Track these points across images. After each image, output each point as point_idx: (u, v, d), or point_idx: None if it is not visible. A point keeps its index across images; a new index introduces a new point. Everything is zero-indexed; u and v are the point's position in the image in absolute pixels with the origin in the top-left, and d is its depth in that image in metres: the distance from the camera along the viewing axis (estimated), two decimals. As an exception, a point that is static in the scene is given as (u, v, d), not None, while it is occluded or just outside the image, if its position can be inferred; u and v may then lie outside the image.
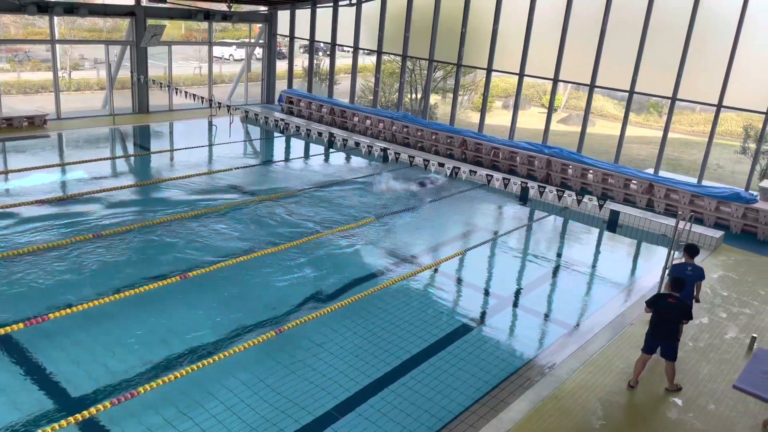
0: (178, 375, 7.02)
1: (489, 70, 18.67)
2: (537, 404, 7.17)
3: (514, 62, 17.97)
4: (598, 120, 26.39)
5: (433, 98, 26.06)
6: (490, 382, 7.61)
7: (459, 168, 14.00)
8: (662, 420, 7.13)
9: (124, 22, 20.42)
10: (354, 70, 22.37)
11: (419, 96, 25.68)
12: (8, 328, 7.57)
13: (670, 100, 15.78)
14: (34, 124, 17.56)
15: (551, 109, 18.00)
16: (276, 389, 7.09)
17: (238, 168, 15.81)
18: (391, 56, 23.15)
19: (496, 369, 7.93)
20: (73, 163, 15.05)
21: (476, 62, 19.30)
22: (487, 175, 13.67)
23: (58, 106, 18.98)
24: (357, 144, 16.30)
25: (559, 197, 12.55)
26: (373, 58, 22.05)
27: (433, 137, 18.70)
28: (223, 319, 8.49)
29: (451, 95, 20.67)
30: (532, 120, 24.97)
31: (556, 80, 17.52)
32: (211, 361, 7.33)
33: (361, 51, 22.05)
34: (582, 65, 16.75)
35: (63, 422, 6.11)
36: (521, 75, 18.00)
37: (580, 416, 7.03)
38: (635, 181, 15.14)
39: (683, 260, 8.71)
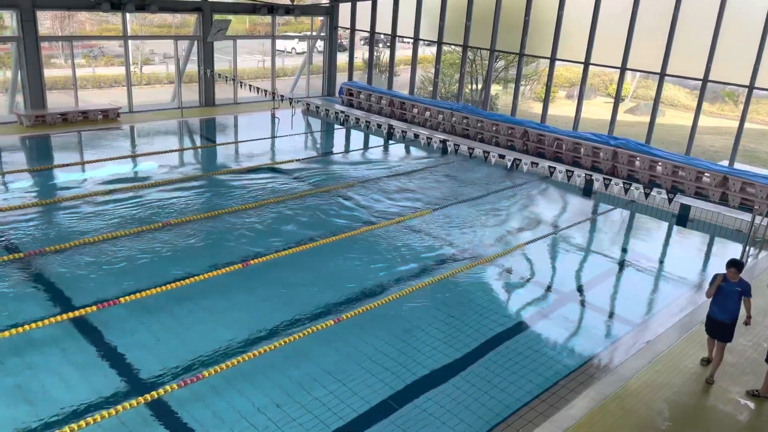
0: (241, 360, 7.21)
1: (552, 59, 18.20)
2: (599, 402, 6.98)
3: (579, 51, 17.45)
4: (668, 110, 25.29)
5: (494, 89, 25.63)
6: (551, 379, 7.46)
7: (520, 160, 13.74)
8: (733, 424, 6.80)
9: (192, 18, 21.03)
10: (414, 61, 22.28)
11: (480, 87, 25.32)
12: (84, 311, 7.99)
13: (746, 89, 14.94)
14: (108, 117, 18.37)
15: (618, 99, 17.39)
16: (334, 376, 7.18)
17: (299, 159, 16.07)
18: (452, 47, 22.91)
19: (557, 365, 7.77)
20: (144, 154, 15.69)
21: (539, 51, 18.85)
22: (549, 167, 13.36)
23: (130, 100, 19.78)
24: (416, 136, 16.26)
25: (626, 190, 12.13)
26: (433, 49, 21.89)
27: (494, 128, 18.42)
28: (283, 306, 8.66)
29: (512, 85, 20.28)
30: (597, 110, 24.19)
31: (623, 69, 16.90)
32: (273, 348, 7.49)
33: (421, 42, 21.94)
34: (652, 53, 16.09)
35: (134, 402, 6.39)
36: (586, 64, 17.46)
37: (645, 416, 6.80)
38: (708, 174, 14.44)
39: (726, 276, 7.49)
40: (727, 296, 7.41)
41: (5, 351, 7.15)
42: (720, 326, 7.49)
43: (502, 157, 14.06)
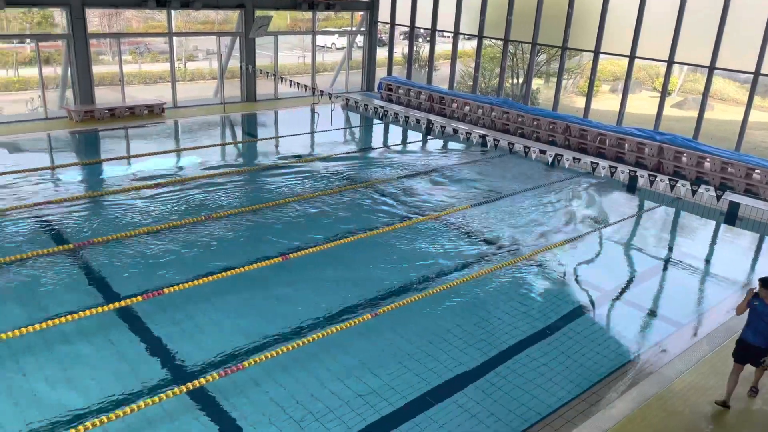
0: (280, 351, 7.30)
1: (596, 53, 17.81)
2: (641, 403, 6.83)
3: (624, 44, 17.02)
4: (717, 104, 24.48)
5: (536, 83, 25.26)
6: (591, 378, 7.34)
7: (561, 155, 13.51)
8: (784, 430, 6.57)
9: (234, 14, 21.34)
10: (454, 55, 22.12)
11: (521, 81, 24.99)
12: (129, 301, 8.22)
13: (803, 82, 14.33)
14: (153, 112, 18.81)
15: (665, 93, 16.91)
16: (371, 370, 7.21)
17: (338, 154, 16.16)
18: (493, 41, 22.66)
19: (598, 365, 7.63)
20: (187, 149, 16.02)
21: (583, 44, 18.47)
22: (592, 162, 13.11)
23: (175, 95, 20.21)
24: (455, 131, 16.15)
25: (672, 187, 11.81)
26: (474, 43, 21.68)
27: (535, 123, 18.16)
28: (321, 299, 8.73)
29: (554, 79, 19.94)
30: (642, 104, 23.58)
31: (670, 62, 16.42)
32: (311, 340, 7.57)
33: (461, 36, 21.76)
34: (701, 45, 15.57)
35: (176, 390, 6.55)
36: (632, 57, 17.03)
37: (689, 419, 6.62)
38: (759, 171, 13.92)
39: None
40: (760, 317, 6.62)
41: (55, 338, 7.41)
42: (754, 351, 6.68)
43: (543, 152, 13.85)
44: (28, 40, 21.56)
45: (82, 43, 17.51)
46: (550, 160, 13.59)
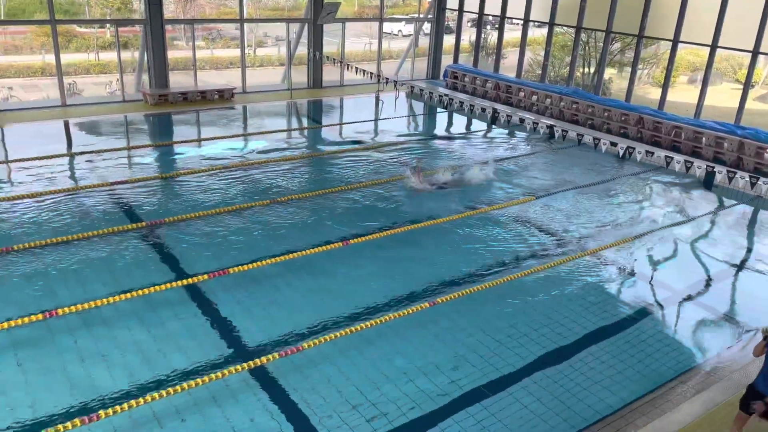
0: (338, 335, 7.40)
1: (675, 42, 16.99)
2: (710, 409, 6.54)
3: (705, 32, 16.15)
4: (806, 98, 22.91)
5: (608, 72, 24.36)
6: (657, 380, 7.07)
7: (633, 148, 13.01)
8: None
9: (304, 1, 21.58)
10: (523, 43, 21.61)
11: (592, 70, 24.17)
12: (196, 278, 8.51)
13: None
14: (224, 97, 19.32)
15: (748, 85, 15.96)
16: (428, 358, 7.20)
17: (401, 142, 16.13)
18: (564, 28, 21.98)
19: (664, 367, 7.35)
20: (255, 133, 16.39)
21: (660, 33, 17.66)
22: (666, 156, 12.56)
23: (244, 81, 20.67)
24: (522, 120, 15.81)
25: (752, 184, 11.17)
26: (544, 31, 21.11)
27: (606, 114, 17.54)
28: (381, 286, 8.77)
29: (628, 69, 19.17)
30: (722, 97, 22.35)
31: (756, 52, 15.47)
32: (369, 325, 7.63)
33: (531, 23, 21.21)
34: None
35: (238, 367, 6.75)
36: (713, 47, 16.15)
37: (759, 428, 6.28)
38: None
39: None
40: None
41: (126, 312, 7.77)
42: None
43: (613, 144, 13.36)
44: (108, 25, 22.51)
45: (159, 29, 18.13)
46: (621, 152, 13.10)
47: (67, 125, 15.98)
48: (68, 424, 5.74)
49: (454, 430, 6.19)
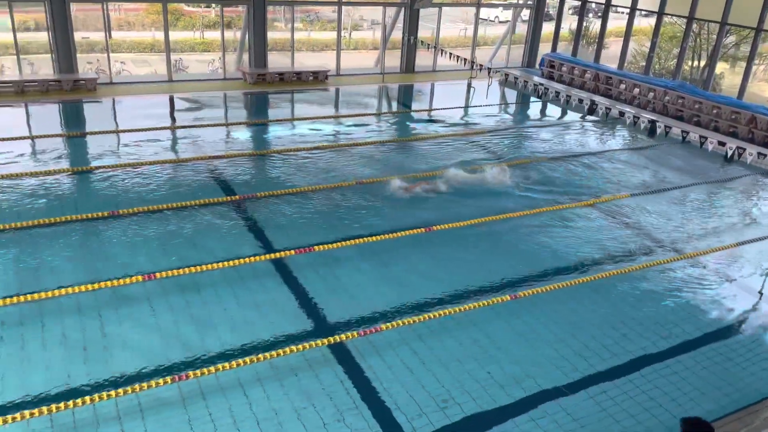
0: (417, 320, 7.44)
1: (800, 35, 15.62)
2: (811, 435, 6.06)
3: (837, 26, 14.74)
4: None
5: (720, 67, 22.77)
6: (750, 397, 6.63)
7: (744, 149, 12.13)
8: None
9: (401, -15, 21.55)
10: (627, 33, 20.57)
11: (702, 64, 22.70)
12: (283, 253, 8.80)
13: None
14: (318, 78, 19.71)
15: None
16: (506, 352, 7.11)
17: (490, 131, 15.87)
18: (674, 18, 20.72)
19: (761, 382, 6.87)
20: (345, 116, 16.64)
21: (784, 25, 16.28)
22: (779, 159, 11.63)
23: (338, 63, 20.98)
24: (621, 114, 15.11)
25: None
26: (651, 20, 20.00)
27: (714, 111, 16.44)
28: (462, 274, 8.71)
29: (742, 64, 17.84)
30: None
31: None
32: (447, 313, 7.61)
33: (638, 12, 20.14)
34: None
35: (318, 342, 6.94)
36: None
37: None
38: None
39: None
40: None
41: (218, 281, 8.14)
42: None
43: (721, 144, 12.52)
44: (214, 5, 23.44)
45: (261, 10, 18.69)
46: (729, 153, 12.24)
47: (171, 100, 16.86)
48: (160, 380, 6.12)
49: (528, 423, 6.09)
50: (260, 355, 6.61)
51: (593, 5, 22.71)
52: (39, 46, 19.52)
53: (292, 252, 8.84)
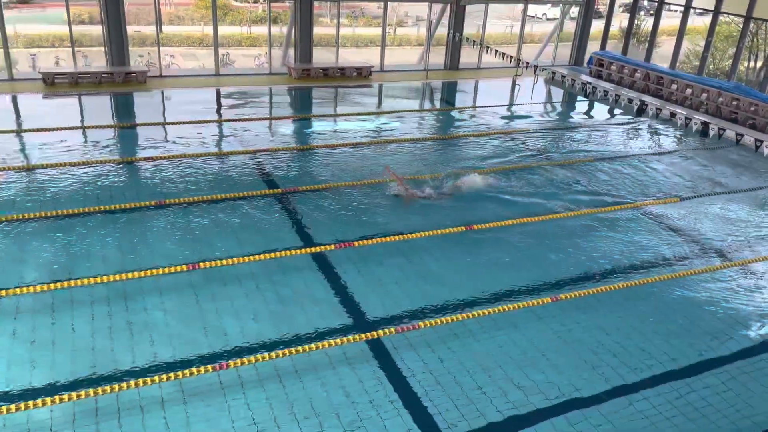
0: (455, 318, 7.38)
1: None
2: None
3: None
4: None
5: (778, 68, 21.90)
6: (804, 413, 6.36)
7: (802, 153, 11.63)
8: None
9: (448, -19, 21.39)
10: (681, 31, 19.96)
11: (759, 65, 21.85)
12: (324, 248, 8.86)
13: None
14: (361, 74, 19.75)
15: None
16: (545, 354, 6.99)
17: (535, 130, 15.63)
18: (730, 17, 20.00)
19: (815, 399, 6.58)
20: (388, 112, 16.63)
21: None
22: (841, 165, 11.11)
23: (382, 60, 20.99)
24: (672, 115, 14.68)
25: None
26: (706, 19, 19.34)
27: (771, 114, 15.80)
28: (502, 276, 8.62)
29: (804, 65, 17.11)
30: None
31: None
32: (486, 313, 7.53)
33: (692, 10, 19.50)
34: None
35: (356, 336, 6.97)
36: None
37: None
38: None
39: None
40: None
41: (260, 272, 8.25)
42: None
43: (777, 148, 12.05)
44: (261, 0, 23.73)
45: (308, 5, 18.83)
46: (786, 158, 11.79)
47: (218, 93, 17.16)
48: (201, 368, 6.24)
49: (568, 429, 5.98)
50: (299, 347, 6.67)
51: (645, 3, 22.11)
52: (93, 39, 20.17)
53: (332, 246, 8.89)
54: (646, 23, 24.79)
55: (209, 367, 6.27)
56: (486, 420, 6.03)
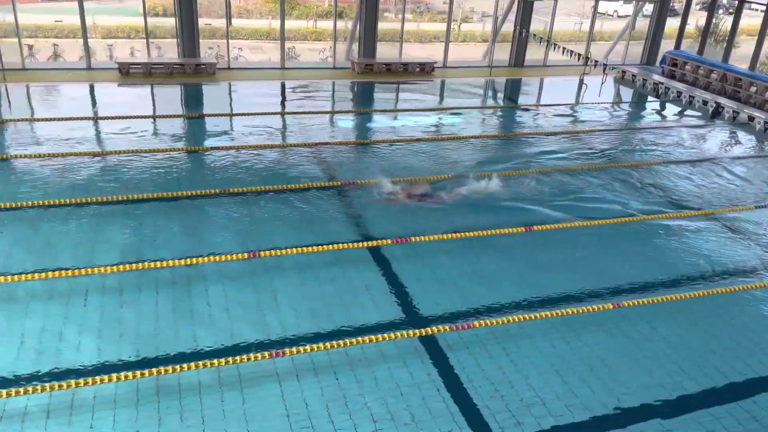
0: (511, 320, 7.27)
1: None
2: None
3: None
4: None
5: None
6: None
7: None
8: None
9: (516, -24, 21.01)
10: (762, 31, 18.92)
11: None
12: (379, 242, 8.90)
13: None
14: (424, 70, 19.68)
15: None
16: (605, 362, 6.79)
17: (601, 129, 15.18)
18: (820, 15, 18.80)
19: None
20: (450, 108, 16.52)
21: None
22: None
23: (446, 55, 20.84)
24: (751, 118, 13.95)
25: None
26: (793, 18, 18.26)
27: None
28: (562, 278, 8.42)
29: None
30: None
31: None
32: (544, 316, 7.39)
33: (777, 8, 18.47)
34: None
35: (410, 332, 6.97)
36: None
37: None
38: None
39: None
40: None
41: (317, 264, 8.36)
42: None
43: None
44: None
45: (373, 0, 18.89)
46: None
47: (283, 86, 17.47)
48: (258, 354, 6.39)
49: (624, 442, 5.81)
50: (353, 339, 6.73)
51: (725, 1, 21.06)
52: (165, 31, 20.90)
53: (389, 241, 8.91)
54: (725, 22, 23.64)
55: (266, 353, 6.41)
56: (539, 425, 5.90)
